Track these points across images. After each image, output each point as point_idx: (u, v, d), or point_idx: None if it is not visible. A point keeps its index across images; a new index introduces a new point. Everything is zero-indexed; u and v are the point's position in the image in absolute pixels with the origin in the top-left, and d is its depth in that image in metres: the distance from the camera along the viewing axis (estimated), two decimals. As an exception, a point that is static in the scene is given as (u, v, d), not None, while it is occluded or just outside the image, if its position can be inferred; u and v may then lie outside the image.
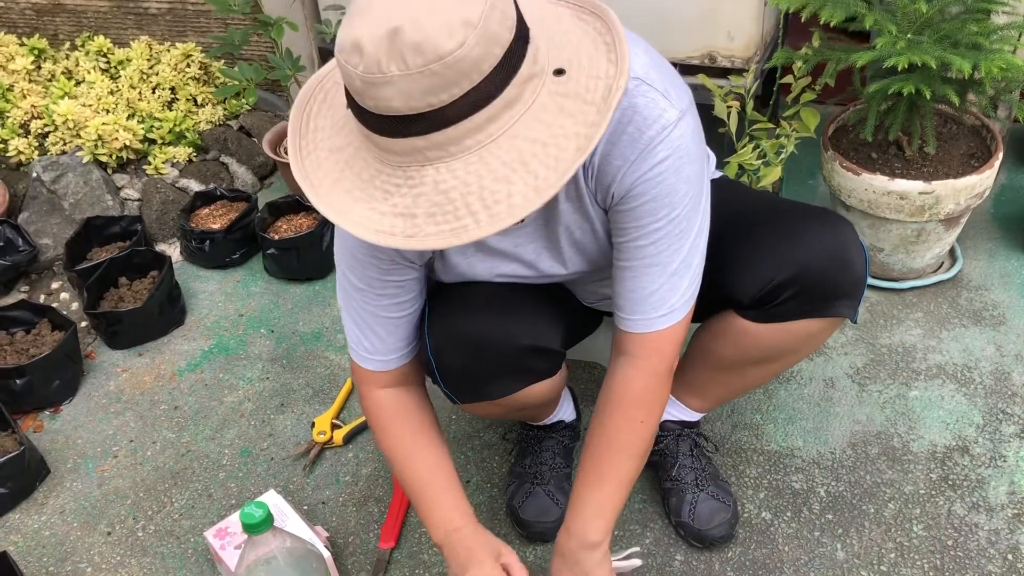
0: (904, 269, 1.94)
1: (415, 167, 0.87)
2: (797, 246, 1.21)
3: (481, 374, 1.24)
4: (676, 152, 1.04)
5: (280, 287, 2.21)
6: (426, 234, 0.86)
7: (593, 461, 1.23)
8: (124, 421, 1.87)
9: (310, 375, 1.94)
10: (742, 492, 1.56)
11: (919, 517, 1.49)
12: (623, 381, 1.19)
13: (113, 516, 1.67)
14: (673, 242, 1.10)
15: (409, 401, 1.30)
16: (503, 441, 1.72)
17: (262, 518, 1.09)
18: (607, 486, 1.22)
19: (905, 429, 1.65)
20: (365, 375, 1.28)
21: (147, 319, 2.04)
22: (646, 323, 1.15)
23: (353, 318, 1.24)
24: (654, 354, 1.17)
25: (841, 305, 1.24)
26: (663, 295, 1.13)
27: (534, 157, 0.86)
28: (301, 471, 1.71)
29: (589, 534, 1.22)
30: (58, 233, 2.31)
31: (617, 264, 1.15)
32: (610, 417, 1.21)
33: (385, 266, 1.16)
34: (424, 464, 1.28)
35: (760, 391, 1.75)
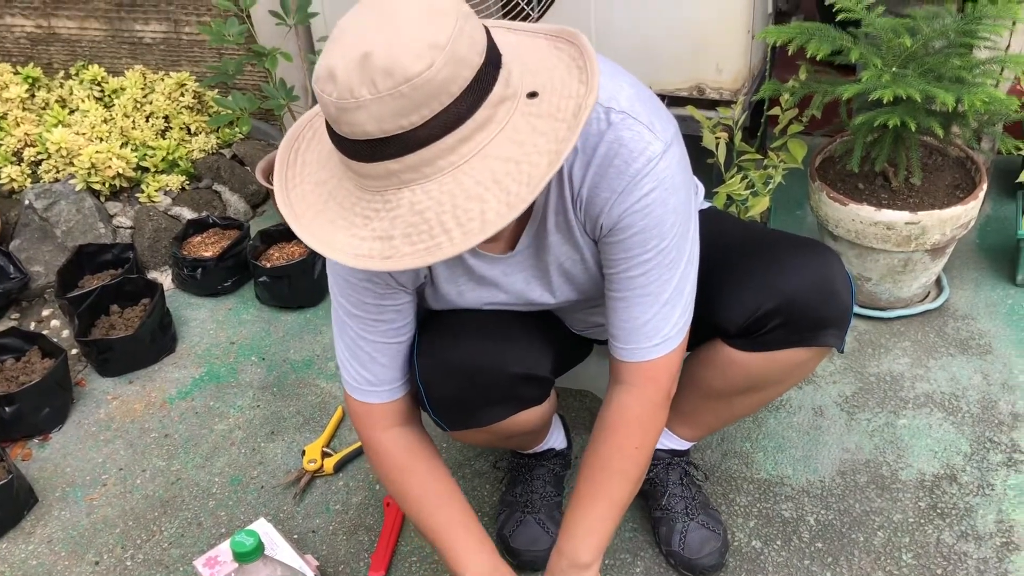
0: (891, 298, 1.96)
1: (392, 191, 0.89)
2: (783, 276, 1.23)
3: (470, 401, 1.25)
4: (662, 184, 1.06)
5: (272, 315, 2.22)
6: (402, 254, 0.88)
7: (587, 484, 1.24)
8: (114, 449, 1.87)
9: (301, 403, 1.94)
10: (732, 520, 1.57)
11: (908, 546, 1.49)
12: (619, 408, 1.21)
13: (101, 545, 1.66)
14: (664, 272, 1.12)
15: (419, 444, 1.29)
16: (494, 470, 1.72)
17: (253, 547, 1.09)
18: (600, 509, 1.23)
19: (894, 457, 1.65)
20: (367, 413, 1.27)
21: (138, 347, 2.04)
22: (641, 352, 1.17)
23: (350, 348, 1.24)
24: (649, 382, 1.19)
25: (828, 335, 1.26)
26: (656, 324, 1.15)
27: (507, 175, 0.88)
28: (291, 499, 1.71)
29: (580, 555, 1.23)
30: (50, 260, 2.32)
31: (609, 295, 1.17)
32: (605, 443, 1.22)
33: (380, 290, 1.17)
34: (453, 510, 1.28)
35: (749, 419, 1.76)
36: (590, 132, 1.05)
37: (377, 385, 1.25)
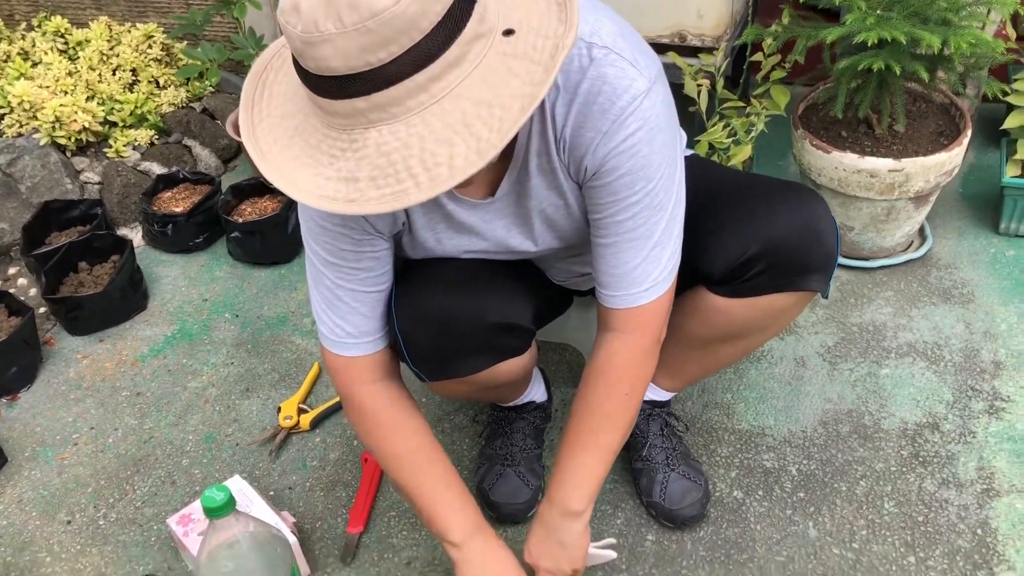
0: (874, 248, 1.94)
1: (359, 130, 0.85)
2: (767, 220, 1.20)
3: (450, 352, 1.21)
4: (648, 123, 1.03)
5: (245, 271, 2.17)
6: (367, 198, 0.84)
7: (576, 432, 1.22)
8: (84, 408, 1.83)
9: (276, 360, 1.90)
10: (713, 471, 1.55)
11: (890, 494, 1.49)
12: (608, 355, 1.18)
13: (73, 504, 1.62)
14: (652, 214, 1.08)
15: (399, 399, 1.26)
16: (473, 423, 1.69)
17: (223, 501, 1.06)
18: (589, 457, 1.21)
19: (876, 407, 1.64)
20: (346, 367, 1.23)
21: (108, 304, 1.99)
22: (630, 298, 1.14)
23: (327, 299, 1.19)
24: (639, 328, 1.16)
25: (812, 279, 1.23)
26: (646, 269, 1.12)
27: (478, 119, 0.83)
28: (267, 456, 1.68)
29: (571, 503, 1.22)
30: (15, 217, 2.25)
31: (597, 241, 1.13)
32: (594, 389, 1.20)
33: (357, 236, 1.13)
34: (435, 469, 1.25)
35: (731, 370, 1.74)
36: (571, 68, 1.01)
37: (356, 337, 1.21)
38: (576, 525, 1.24)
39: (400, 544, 1.49)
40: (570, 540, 1.24)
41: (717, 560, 1.41)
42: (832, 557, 1.40)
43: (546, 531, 1.26)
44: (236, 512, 1.09)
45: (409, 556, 1.47)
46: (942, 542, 1.40)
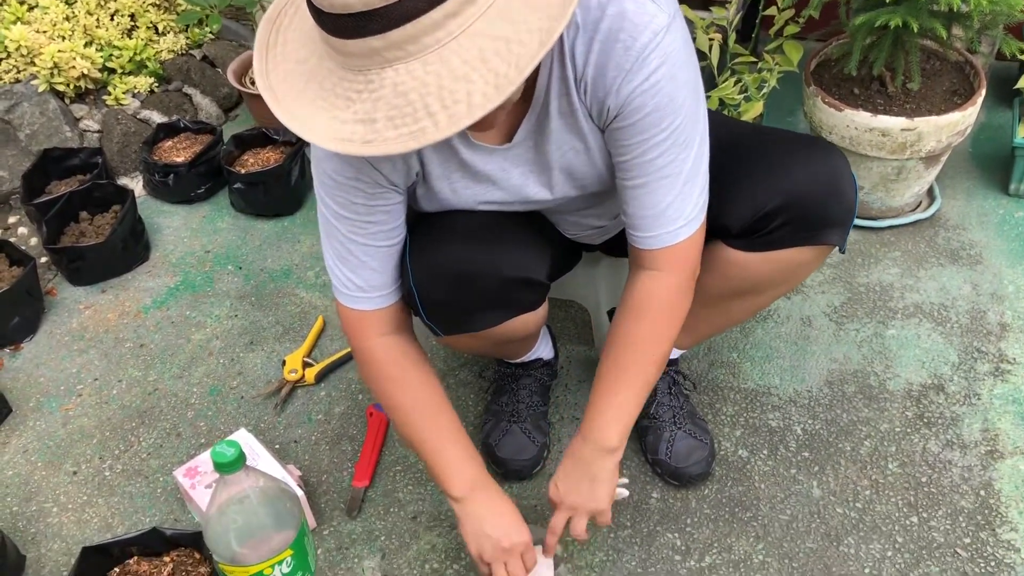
0: (883, 208, 1.92)
1: (375, 70, 0.83)
2: (788, 174, 1.18)
3: (465, 306, 1.20)
4: (670, 58, 1.01)
5: (247, 223, 2.15)
6: (385, 139, 0.83)
7: (613, 367, 1.21)
8: (88, 359, 1.82)
9: (280, 313, 1.90)
10: (719, 430, 1.56)
11: (894, 455, 1.49)
12: (646, 292, 1.17)
13: (79, 455, 1.63)
14: (680, 151, 1.07)
15: (410, 353, 1.25)
16: (479, 379, 1.69)
17: (234, 457, 1.06)
18: (626, 391, 1.20)
19: (881, 367, 1.64)
20: (359, 320, 1.22)
21: (110, 255, 1.97)
22: (666, 237, 1.13)
23: (339, 253, 1.18)
24: (676, 265, 1.16)
25: (831, 233, 1.22)
26: (679, 206, 1.11)
27: (496, 54, 0.82)
28: (272, 410, 1.68)
29: (607, 439, 1.21)
30: (14, 165, 2.22)
31: (626, 184, 1.12)
32: (631, 325, 1.19)
33: (371, 190, 1.12)
34: (442, 423, 1.25)
35: (737, 329, 1.74)
36: (590, 5, 0.98)
37: (368, 291, 1.20)
38: (609, 462, 1.22)
39: (406, 499, 1.50)
40: (601, 477, 1.22)
41: (721, 518, 1.42)
42: (835, 516, 1.41)
43: (577, 465, 1.24)
44: (246, 467, 1.09)
45: (415, 510, 1.48)
46: (945, 503, 1.41)
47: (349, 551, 1.43)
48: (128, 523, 1.50)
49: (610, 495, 1.25)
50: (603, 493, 1.24)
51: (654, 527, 1.42)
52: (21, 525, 1.51)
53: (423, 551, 1.42)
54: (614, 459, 1.23)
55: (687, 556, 1.37)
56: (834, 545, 1.37)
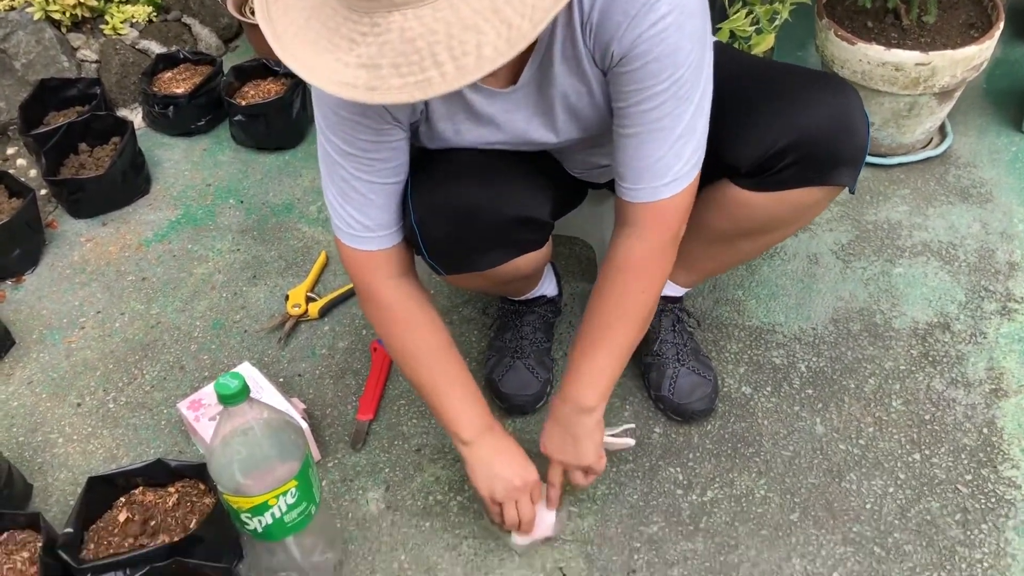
0: (893, 144, 1.89)
1: (381, 13, 0.80)
2: (799, 111, 1.15)
3: (468, 245, 1.19)
4: (678, 7, 0.97)
5: (248, 156, 2.12)
6: (389, 87, 0.80)
7: (591, 329, 1.21)
8: (90, 292, 1.81)
9: (282, 247, 1.88)
10: (723, 367, 1.55)
11: (898, 392, 1.49)
12: (626, 251, 1.16)
13: (83, 387, 1.63)
14: (678, 105, 1.04)
15: (415, 296, 1.24)
16: (483, 316, 1.69)
17: (238, 389, 1.05)
18: (603, 353, 1.20)
19: (888, 306, 1.63)
20: (364, 261, 1.20)
21: (110, 187, 1.95)
22: (650, 192, 1.11)
23: (342, 191, 1.15)
24: (658, 223, 1.13)
25: (842, 173, 1.19)
26: (668, 162, 1.08)
27: (508, 5, 0.78)
28: (276, 344, 1.68)
29: (583, 399, 1.22)
30: (11, 95, 2.19)
31: (619, 132, 1.09)
32: (612, 286, 1.18)
33: (375, 126, 1.09)
34: (448, 367, 1.25)
35: (743, 267, 1.73)
36: None
37: (373, 231, 1.18)
38: (588, 421, 1.24)
39: (410, 432, 1.50)
40: (582, 435, 1.24)
41: (723, 453, 1.43)
42: (838, 453, 1.41)
43: (559, 426, 1.26)
44: (250, 399, 1.09)
45: (419, 443, 1.48)
46: (948, 440, 1.41)
47: (353, 483, 1.44)
48: (133, 454, 1.51)
49: (594, 450, 1.26)
50: (587, 449, 1.26)
51: (656, 462, 1.43)
52: (27, 455, 1.52)
53: (427, 483, 1.43)
54: (593, 418, 1.24)
55: (689, 490, 1.38)
56: (836, 481, 1.37)
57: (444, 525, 1.37)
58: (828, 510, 1.34)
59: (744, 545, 1.30)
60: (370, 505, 1.40)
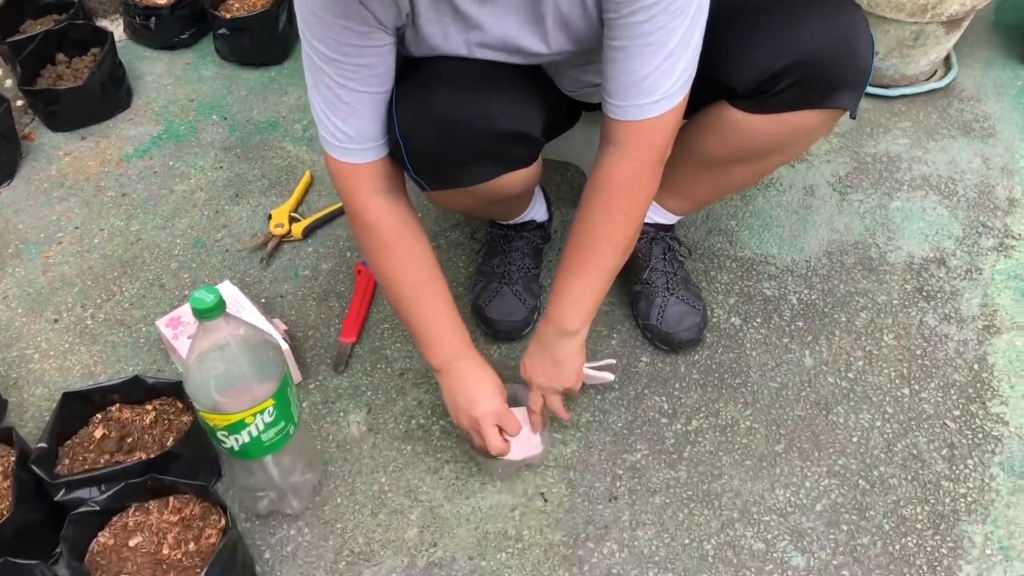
0: (896, 75, 1.84)
1: None
2: (801, 30, 1.10)
3: (454, 159, 1.14)
4: None
5: (233, 72, 2.06)
6: None
7: (574, 252, 1.18)
8: (68, 207, 1.77)
9: (266, 166, 1.83)
10: (712, 297, 1.53)
11: (890, 327, 1.47)
12: (609, 171, 1.12)
13: (60, 303, 1.59)
14: (671, 19, 0.99)
15: (403, 217, 1.19)
16: (471, 240, 1.65)
17: (214, 303, 1.02)
18: (586, 276, 1.18)
19: (884, 239, 1.60)
20: (350, 175, 1.15)
21: (89, 99, 1.89)
22: (637, 110, 1.06)
23: (327, 100, 1.10)
24: (644, 143, 1.09)
25: (843, 96, 1.15)
26: (657, 79, 1.03)
27: None
28: (258, 264, 1.64)
29: (566, 322, 1.20)
30: (-14, 2, 2.11)
31: (609, 44, 1.04)
32: (594, 207, 1.14)
33: (360, 29, 1.03)
34: (431, 294, 1.22)
35: (737, 197, 1.69)
36: None
37: (358, 142, 1.13)
38: (571, 344, 1.22)
39: (393, 356, 1.48)
40: (564, 358, 1.23)
41: (710, 383, 1.41)
42: (826, 386, 1.39)
43: (541, 349, 1.24)
44: (226, 315, 1.05)
45: (402, 367, 1.46)
46: (938, 376, 1.40)
47: (335, 405, 1.41)
48: (110, 371, 1.48)
49: (575, 374, 1.25)
50: (568, 373, 1.25)
51: (642, 390, 1.41)
52: (2, 370, 1.49)
53: (409, 407, 1.41)
54: (576, 341, 1.22)
55: (673, 419, 1.37)
56: (823, 414, 1.36)
57: (426, 449, 1.35)
58: (814, 442, 1.32)
59: (727, 475, 1.29)
60: (351, 428, 1.38)
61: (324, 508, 1.29)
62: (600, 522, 1.25)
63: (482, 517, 1.26)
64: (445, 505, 1.28)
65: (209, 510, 1.21)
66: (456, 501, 1.28)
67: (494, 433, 1.21)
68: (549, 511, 1.27)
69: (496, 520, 1.26)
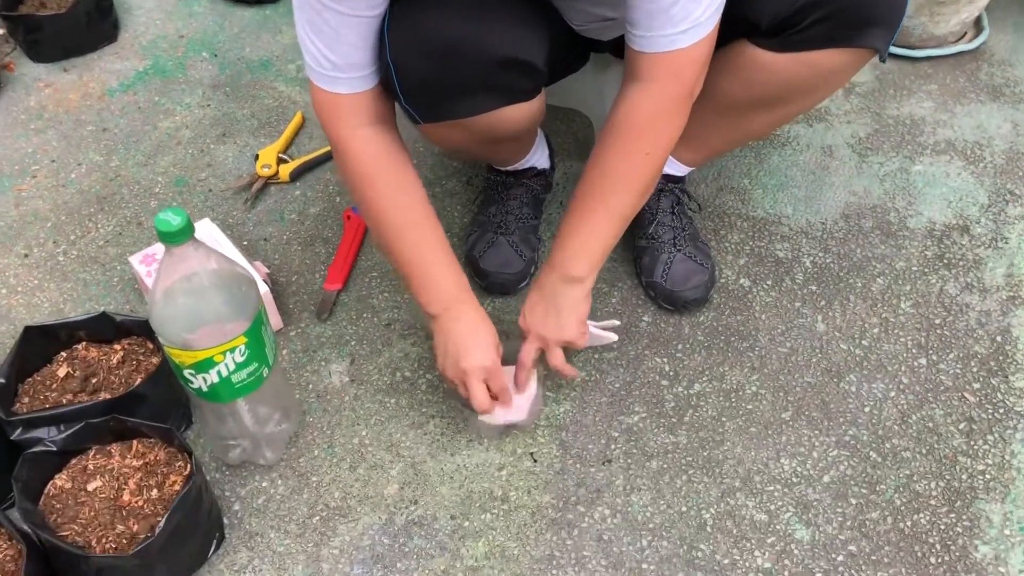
0: (924, 35, 1.74)
1: None
2: (831, -39, 1.01)
3: (448, 87, 1.05)
4: None
5: (226, 8, 1.97)
6: None
7: (587, 192, 1.09)
8: (45, 140, 1.68)
9: (256, 105, 1.74)
10: (721, 257, 1.44)
11: (908, 294, 1.38)
12: (632, 106, 1.03)
13: (31, 238, 1.51)
14: None
15: (391, 150, 1.11)
16: (467, 188, 1.56)
17: (181, 225, 0.93)
18: (597, 219, 1.09)
19: (904, 204, 1.51)
20: (335, 106, 1.07)
21: (73, 28, 1.80)
22: (665, 40, 0.97)
23: (313, 23, 1.01)
24: (672, 77, 1.01)
25: (873, 35, 1.05)
26: (685, 6, 0.95)
27: None
28: (242, 205, 1.55)
29: (572, 268, 1.11)
30: (-30, -74, 2.01)
31: None
32: (612, 145, 1.06)
33: None
34: (425, 229, 1.13)
35: (751, 155, 1.60)
36: None
37: (345, 71, 1.04)
38: (575, 292, 1.13)
39: (380, 305, 1.39)
40: (566, 307, 1.14)
41: (715, 346, 1.33)
42: (839, 352, 1.31)
43: (542, 296, 1.16)
44: (195, 241, 0.97)
45: (389, 318, 1.38)
46: (958, 346, 1.31)
47: (316, 354, 1.33)
48: (81, 310, 1.40)
49: (577, 325, 1.16)
50: (570, 323, 1.15)
51: (642, 351, 1.32)
52: (-33, 305, 1.41)
53: (395, 358, 1.32)
54: (582, 289, 1.13)
55: (675, 382, 1.28)
56: (834, 381, 1.28)
57: (410, 403, 1.27)
58: (823, 411, 1.24)
59: (730, 441, 1.21)
60: (332, 378, 1.30)
61: (300, 460, 1.21)
62: (592, 485, 1.17)
63: (467, 476, 1.19)
64: (428, 462, 1.20)
65: (175, 456, 1.13)
66: (440, 458, 1.20)
67: (481, 389, 1.13)
68: (538, 472, 1.19)
69: (482, 479, 1.18)
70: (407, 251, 1.13)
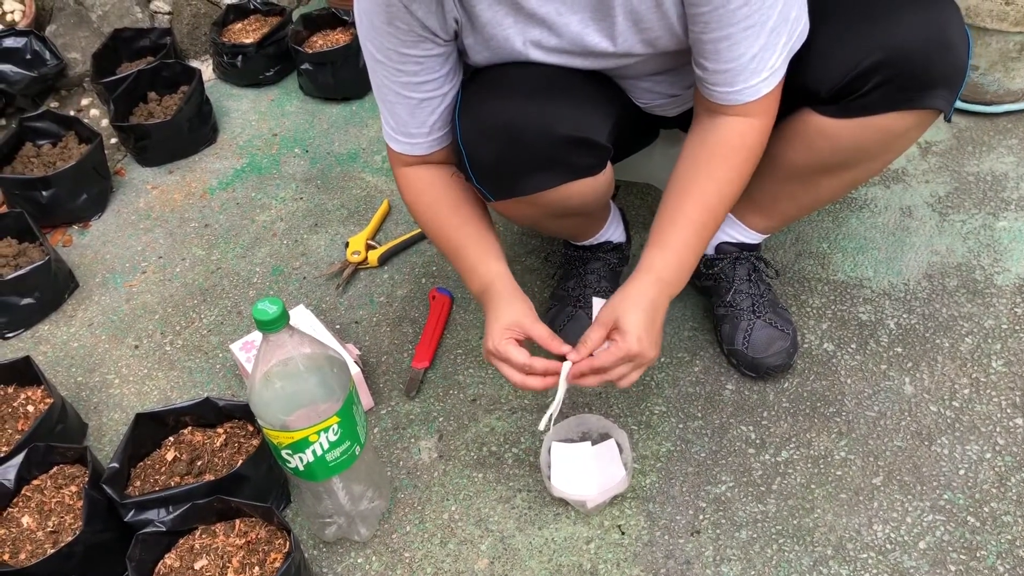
0: (1000, 91, 1.73)
1: None
2: (887, 25, 1.03)
3: (514, 166, 1.10)
4: None
5: (315, 106, 2.09)
6: None
7: (682, 201, 1.10)
8: (153, 238, 1.80)
9: (345, 196, 1.84)
10: (803, 322, 1.44)
11: (999, 352, 1.35)
12: (735, 133, 1.08)
13: (141, 330, 1.61)
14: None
15: (447, 173, 1.21)
16: (545, 264, 1.61)
17: (276, 314, 1.00)
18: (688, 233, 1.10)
19: (989, 261, 1.49)
20: (394, 154, 1.21)
21: (177, 134, 1.94)
22: (748, 92, 1.03)
23: (378, 90, 1.14)
24: (761, 113, 1.06)
25: (936, 96, 1.06)
26: (763, 57, 1.00)
27: None
28: (334, 291, 1.63)
29: (669, 274, 1.10)
30: (86, 47, 2.20)
31: (707, 38, 1.00)
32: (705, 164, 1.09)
33: (404, 37, 1.03)
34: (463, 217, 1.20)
35: (829, 219, 1.60)
36: None
37: (399, 136, 1.17)
38: (666, 302, 1.10)
39: (465, 381, 1.44)
40: (660, 317, 1.09)
41: (801, 412, 1.32)
42: (928, 415, 1.29)
43: (638, 300, 1.07)
44: (290, 328, 1.03)
45: (474, 393, 1.42)
46: (1055, 405, 1.28)
47: (406, 431, 1.38)
48: (186, 396, 1.48)
49: (660, 342, 1.10)
50: (658, 337, 1.09)
51: (727, 419, 1.33)
52: (84, 395, 1.51)
53: (481, 433, 1.36)
54: (669, 299, 1.10)
55: (762, 450, 1.28)
56: (925, 444, 1.25)
57: (498, 477, 1.30)
58: (916, 475, 1.22)
59: (820, 509, 1.20)
60: (422, 454, 1.34)
61: (392, 536, 1.25)
62: (681, 557, 1.17)
63: (555, 549, 1.20)
64: (517, 536, 1.22)
65: (275, 534, 1.18)
66: (528, 532, 1.22)
67: (506, 369, 1.10)
68: (627, 544, 1.19)
69: (570, 553, 1.19)
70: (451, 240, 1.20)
